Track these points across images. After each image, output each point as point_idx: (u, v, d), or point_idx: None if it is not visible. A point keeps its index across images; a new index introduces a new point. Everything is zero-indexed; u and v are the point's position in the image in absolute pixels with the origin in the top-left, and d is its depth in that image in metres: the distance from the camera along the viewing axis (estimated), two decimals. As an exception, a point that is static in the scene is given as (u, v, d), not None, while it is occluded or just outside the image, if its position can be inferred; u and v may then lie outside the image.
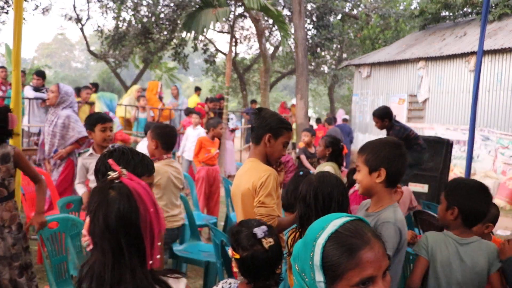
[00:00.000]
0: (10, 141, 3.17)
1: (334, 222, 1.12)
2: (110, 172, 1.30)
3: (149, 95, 10.26)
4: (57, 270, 3.05)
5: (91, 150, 3.76)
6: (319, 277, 1.09)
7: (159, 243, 1.27)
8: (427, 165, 5.84)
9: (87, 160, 3.70)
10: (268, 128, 2.52)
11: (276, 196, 2.43)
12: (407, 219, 4.63)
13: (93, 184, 3.59)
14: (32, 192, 4.54)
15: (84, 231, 1.29)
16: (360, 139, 13.55)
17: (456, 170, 9.43)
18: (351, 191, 2.98)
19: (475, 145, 7.35)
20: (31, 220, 2.99)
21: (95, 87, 10.10)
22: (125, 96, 10.32)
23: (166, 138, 3.38)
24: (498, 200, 8.44)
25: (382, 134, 12.76)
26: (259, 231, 1.84)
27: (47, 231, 3.05)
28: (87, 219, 1.28)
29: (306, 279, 1.13)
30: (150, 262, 1.24)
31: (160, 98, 10.44)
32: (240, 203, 2.50)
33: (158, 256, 1.26)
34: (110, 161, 1.39)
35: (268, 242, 1.83)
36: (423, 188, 5.72)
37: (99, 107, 6.85)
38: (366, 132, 13.55)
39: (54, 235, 3.10)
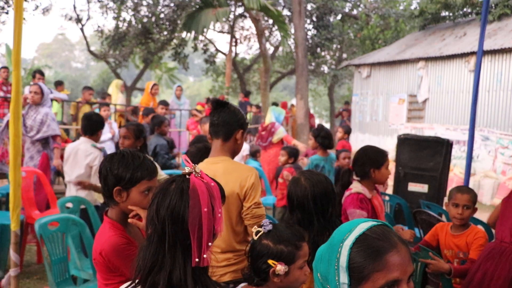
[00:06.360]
0: (11, 141, 3.16)
1: (361, 225, 1.13)
2: (186, 167, 1.37)
3: (145, 96, 10.21)
4: (57, 270, 3.05)
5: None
6: (344, 279, 1.09)
7: (210, 243, 1.30)
8: (427, 165, 5.83)
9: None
10: (240, 124, 2.40)
11: None
12: (408, 219, 4.63)
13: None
14: (31, 191, 4.55)
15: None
16: (360, 139, 13.56)
17: (456, 170, 9.42)
18: (347, 193, 2.92)
19: (475, 145, 7.34)
20: None
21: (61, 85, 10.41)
22: (113, 93, 10.25)
23: None
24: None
25: (381, 134, 12.78)
26: None
27: (47, 231, 3.06)
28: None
29: (328, 286, 1.13)
30: (197, 260, 1.28)
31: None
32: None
33: (205, 256, 1.29)
34: (184, 156, 1.45)
35: None
36: (423, 188, 5.71)
37: (269, 118, 7.55)
38: (366, 132, 13.56)
39: (54, 235, 3.10)
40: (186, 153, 2.79)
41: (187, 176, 1.34)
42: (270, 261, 1.68)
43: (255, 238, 1.74)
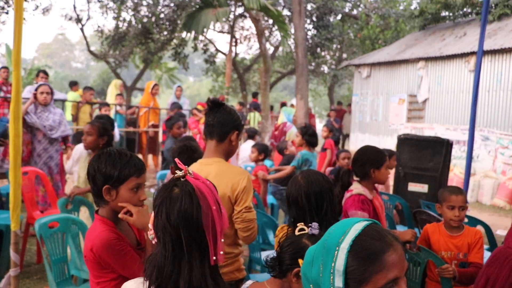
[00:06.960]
0: (11, 141, 3.16)
1: (355, 226, 1.12)
2: (177, 171, 1.36)
3: (145, 96, 10.21)
4: (57, 270, 3.05)
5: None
6: (339, 283, 1.08)
7: (222, 240, 1.32)
8: (427, 165, 5.83)
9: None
10: (235, 125, 2.39)
11: None
12: (408, 220, 4.64)
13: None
14: (31, 192, 4.55)
15: (150, 225, 1.38)
16: (360, 139, 13.56)
17: (456, 170, 9.41)
18: (347, 194, 2.92)
19: (475, 145, 7.34)
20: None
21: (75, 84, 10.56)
22: (110, 93, 10.28)
23: None
24: (497, 200, 8.43)
25: (381, 134, 12.78)
26: None
27: (47, 231, 3.05)
28: (152, 214, 1.36)
29: None
30: (214, 258, 1.30)
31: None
32: None
33: (222, 252, 1.31)
34: (177, 160, 1.44)
35: None
36: (423, 188, 5.71)
37: (281, 118, 7.65)
38: (366, 132, 13.56)
39: (54, 235, 3.10)
40: (171, 152, 2.83)
41: (182, 179, 1.34)
42: (301, 261, 1.69)
43: (296, 233, 1.76)
